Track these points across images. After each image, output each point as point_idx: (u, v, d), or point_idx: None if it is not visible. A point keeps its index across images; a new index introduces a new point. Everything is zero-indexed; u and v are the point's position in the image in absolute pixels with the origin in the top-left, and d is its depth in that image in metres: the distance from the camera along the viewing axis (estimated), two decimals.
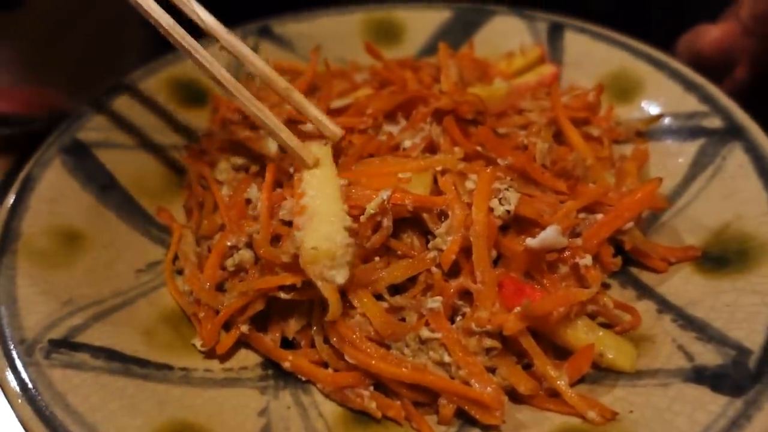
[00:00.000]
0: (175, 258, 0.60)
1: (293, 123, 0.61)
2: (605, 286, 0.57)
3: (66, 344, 0.49)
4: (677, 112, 0.67)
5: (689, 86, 0.67)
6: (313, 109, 0.58)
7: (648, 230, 0.60)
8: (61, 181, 0.61)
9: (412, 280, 0.53)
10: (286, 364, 0.51)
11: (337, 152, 0.59)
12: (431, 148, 0.59)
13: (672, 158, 0.65)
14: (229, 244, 0.56)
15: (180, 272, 0.59)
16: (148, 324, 0.54)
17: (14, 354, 0.47)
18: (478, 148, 0.58)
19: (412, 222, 0.55)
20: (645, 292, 0.56)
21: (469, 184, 0.55)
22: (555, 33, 0.77)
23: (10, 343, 0.47)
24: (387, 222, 0.51)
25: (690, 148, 0.64)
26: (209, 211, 0.60)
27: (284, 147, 0.56)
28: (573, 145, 0.61)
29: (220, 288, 0.56)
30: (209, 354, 0.53)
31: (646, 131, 0.67)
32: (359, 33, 0.81)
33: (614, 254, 0.56)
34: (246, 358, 0.53)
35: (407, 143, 0.59)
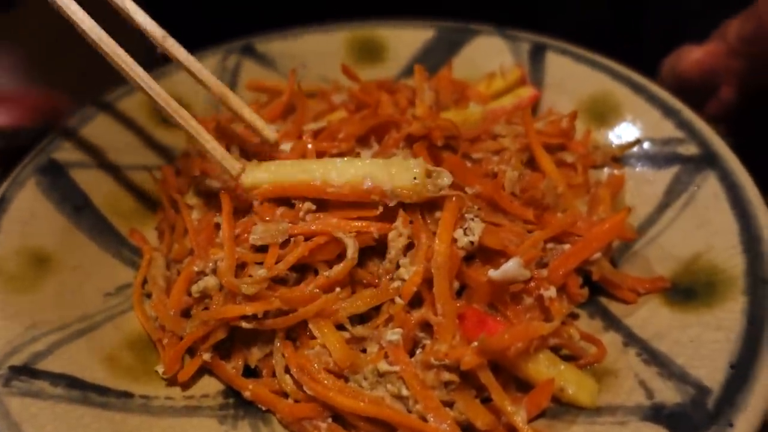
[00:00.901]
0: (145, 281, 0.60)
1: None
2: (573, 316, 0.56)
3: (26, 371, 0.49)
4: (654, 137, 0.66)
5: (667, 111, 0.66)
6: (247, 112, 0.58)
7: (619, 259, 0.60)
8: (34, 201, 0.61)
9: (376, 310, 0.53)
10: (247, 393, 0.51)
11: None
12: None
13: (647, 185, 0.64)
14: (196, 269, 0.56)
15: (150, 296, 0.59)
16: (112, 350, 0.54)
17: None
18: None
19: (378, 250, 0.55)
20: (613, 323, 0.56)
21: (437, 213, 0.54)
22: (537, 54, 0.77)
23: None
24: (352, 254, 0.50)
25: (665, 176, 0.63)
26: (180, 234, 0.60)
27: (210, 157, 0.56)
28: (545, 172, 0.61)
29: (187, 314, 0.56)
30: (171, 381, 0.53)
31: (623, 156, 0.67)
32: (342, 52, 0.81)
33: (582, 284, 0.56)
34: (208, 385, 0.53)
35: None
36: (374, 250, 0.54)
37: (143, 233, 0.64)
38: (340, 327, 0.52)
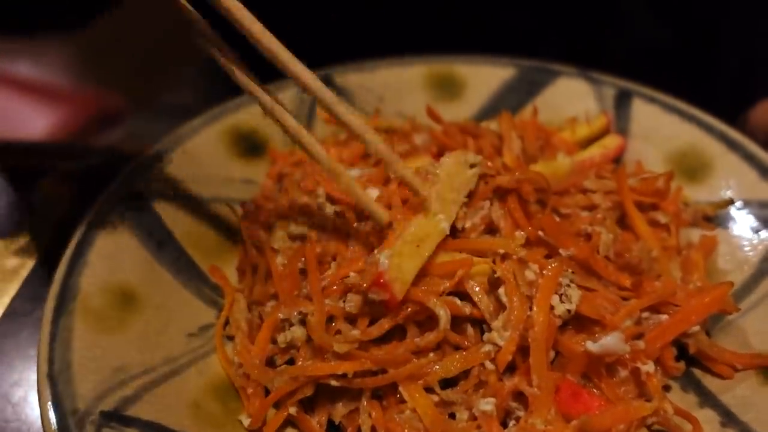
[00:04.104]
0: (226, 322, 0.60)
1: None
2: (665, 389, 0.54)
3: (117, 418, 0.49)
4: (750, 199, 0.64)
5: (765, 172, 0.64)
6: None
7: (712, 328, 0.58)
8: (119, 235, 0.61)
9: (465, 373, 0.51)
10: None
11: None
12: (489, 229, 0.58)
13: (741, 250, 0.62)
14: (281, 316, 0.55)
15: (230, 337, 0.59)
16: (196, 395, 0.54)
17: (69, 426, 0.47)
18: (540, 233, 0.56)
19: None
20: (708, 399, 0.53)
21: (529, 274, 0.53)
22: (622, 100, 0.75)
23: (64, 413, 0.48)
24: (444, 324, 0.49)
25: (762, 242, 0.61)
26: (262, 277, 0.60)
27: (360, 205, 0.55)
28: (639, 235, 0.59)
29: (270, 361, 0.55)
30: None
31: (715, 216, 0.65)
32: (420, 87, 0.80)
33: (677, 356, 0.54)
34: None
35: (467, 223, 0.58)
36: None
37: (223, 270, 0.64)
38: (428, 389, 0.51)
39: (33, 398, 0.62)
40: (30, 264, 0.74)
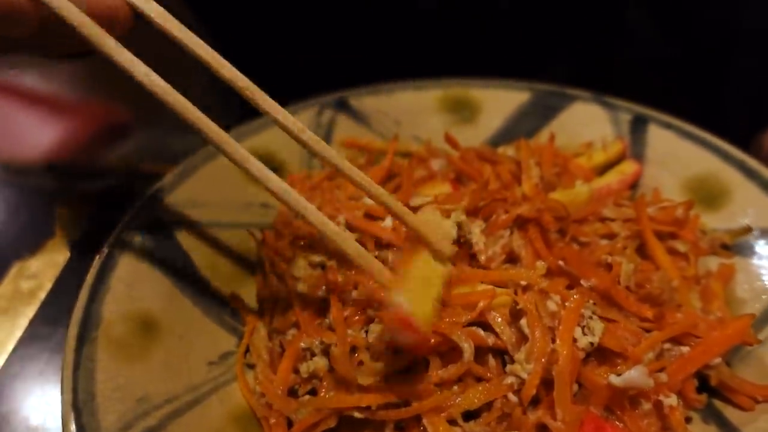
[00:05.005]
0: (246, 349, 0.60)
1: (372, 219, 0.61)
2: (686, 420, 0.54)
3: None
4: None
5: None
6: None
7: (732, 358, 0.58)
8: (140, 262, 0.61)
9: (487, 405, 0.52)
10: None
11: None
12: (509, 258, 0.59)
13: (760, 279, 0.62)
14: (303, 345, 0.55)
15: (250, 365, 0.59)
16: (219, 425, 0.54)
17: None
18: (560, 263, 0.57)
19: None
20: (729, 431, 0.54)
21: (551, 305, 0.53)
22: (638, 126, 0.75)
23: None
24: (468, 357, 0.49)
25: None
26: (283, 305, 0.60)
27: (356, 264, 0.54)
28: (659, 264, 0.59)
29: (291, 390, 0.55)
30: None
31: (732, 245, 0.65)
32: (435, 111, 0.81)
33: (697, 387, 0.54)
34: None
35: (489, 252, 0.58)
36: None
37: (243, 298, 0.64)
38: (450, 421, 0.51)
39: (52, 424, 0.63)
40: (48, 286, 0.75)
